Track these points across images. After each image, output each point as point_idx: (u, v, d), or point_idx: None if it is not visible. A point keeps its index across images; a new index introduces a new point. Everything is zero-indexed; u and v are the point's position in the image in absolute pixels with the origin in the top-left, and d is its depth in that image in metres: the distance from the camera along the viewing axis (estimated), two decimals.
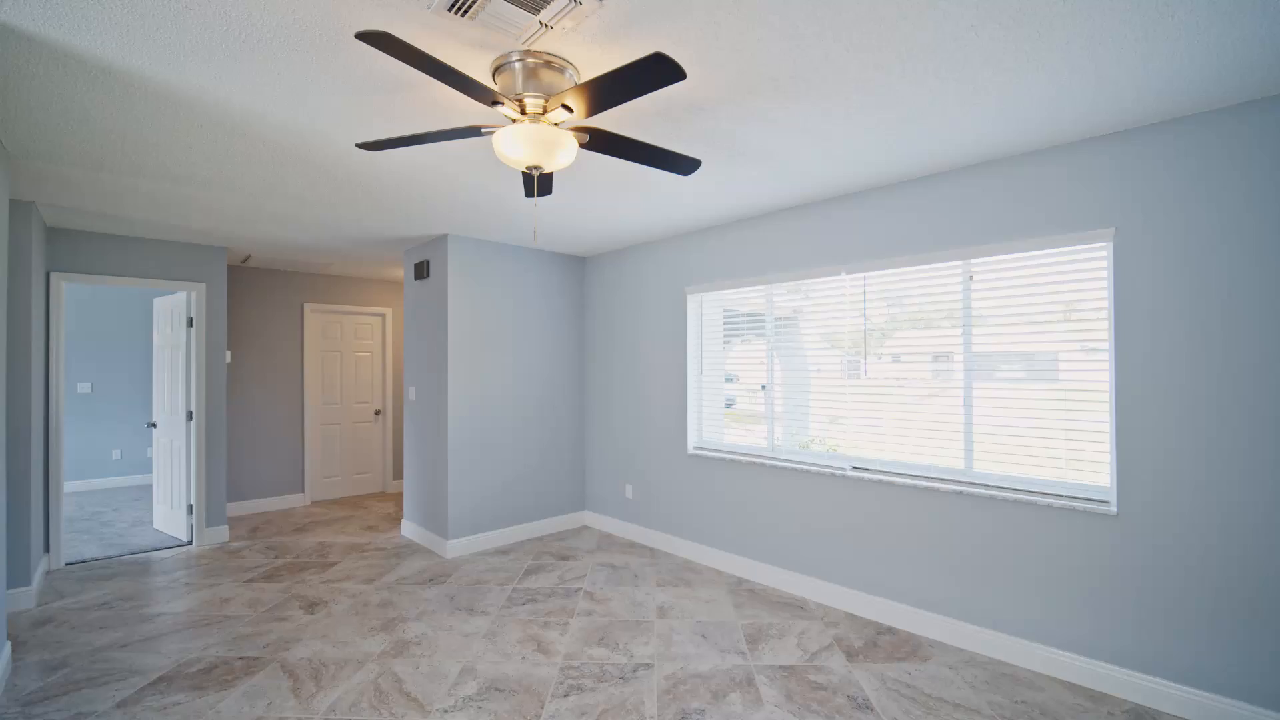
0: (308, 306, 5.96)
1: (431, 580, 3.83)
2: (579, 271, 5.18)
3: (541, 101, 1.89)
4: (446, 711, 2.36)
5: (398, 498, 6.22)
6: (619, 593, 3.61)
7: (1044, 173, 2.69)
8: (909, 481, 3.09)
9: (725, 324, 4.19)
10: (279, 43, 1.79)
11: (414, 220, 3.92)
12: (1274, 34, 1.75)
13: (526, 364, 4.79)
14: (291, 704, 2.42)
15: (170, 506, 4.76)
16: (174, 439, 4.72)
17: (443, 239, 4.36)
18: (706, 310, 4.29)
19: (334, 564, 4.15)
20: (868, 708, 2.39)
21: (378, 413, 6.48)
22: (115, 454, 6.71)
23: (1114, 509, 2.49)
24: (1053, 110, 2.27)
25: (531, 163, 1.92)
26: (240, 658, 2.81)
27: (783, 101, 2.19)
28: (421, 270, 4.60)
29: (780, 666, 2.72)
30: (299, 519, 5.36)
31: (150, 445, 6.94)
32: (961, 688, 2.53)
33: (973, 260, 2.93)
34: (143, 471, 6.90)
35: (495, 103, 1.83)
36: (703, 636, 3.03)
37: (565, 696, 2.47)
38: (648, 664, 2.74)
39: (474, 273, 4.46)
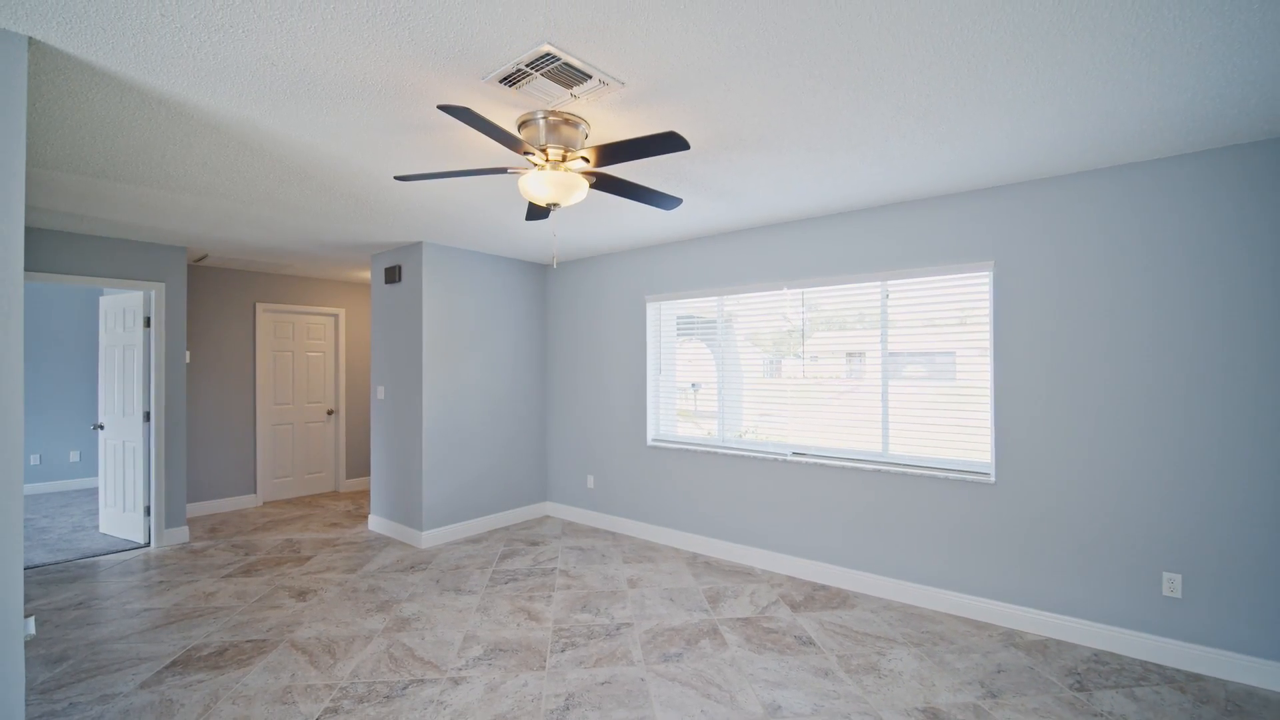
0: (260, 306, 5.92)
1: (412, 567, 4.09)
2: (542, 277, 5.53)
3: (562, 152, 2.29)
4: (462, 669, 2.71)
5: (353, 496, 6.30)
6: (591, 570, 4.03)
7: (943, 214, 3.37)
8: (838, 463, 3.72)
9: (680, 328, 4.71)
10: (338, 91, 2.09)
11: (393, 228, 4.15)
12: (1108, 129, 2.45)
13: (494, 364, 5.09)
14: (314, 674, 2.68)
15: (123, 509, 4.69)
16: (128, 440, 4.65)
17: (417, 246, 4.59)
18: (664, 316, 4.79)
19: (309, 558, 4.30)
20: (811, 643, 2.96)
21: (330, 412, 6.51)
22: (34, 459, 6.33)
23: (993, 479, 3.20)
24: (949, 170, 2.93)
25: (552, 201, 2.32)
26: (247, 641, 3.00)
27: (747, 154, 2.70)
28: (393, 274, 4.80)
29: (738, 619, 3.26)
30: (256, 519, 5.37)
31: (74, 450, 6.59)
32: (881, 625, 3.17)
33: (889, 281, 3.59)
34: (66, 477, 6.53)
35: (526, 152, 2.22)
36: (670, 600, 3.51)
37: (563, 651, 2.88)
38: (628, 623, 3.20)
39: (446, 278, 4.72)
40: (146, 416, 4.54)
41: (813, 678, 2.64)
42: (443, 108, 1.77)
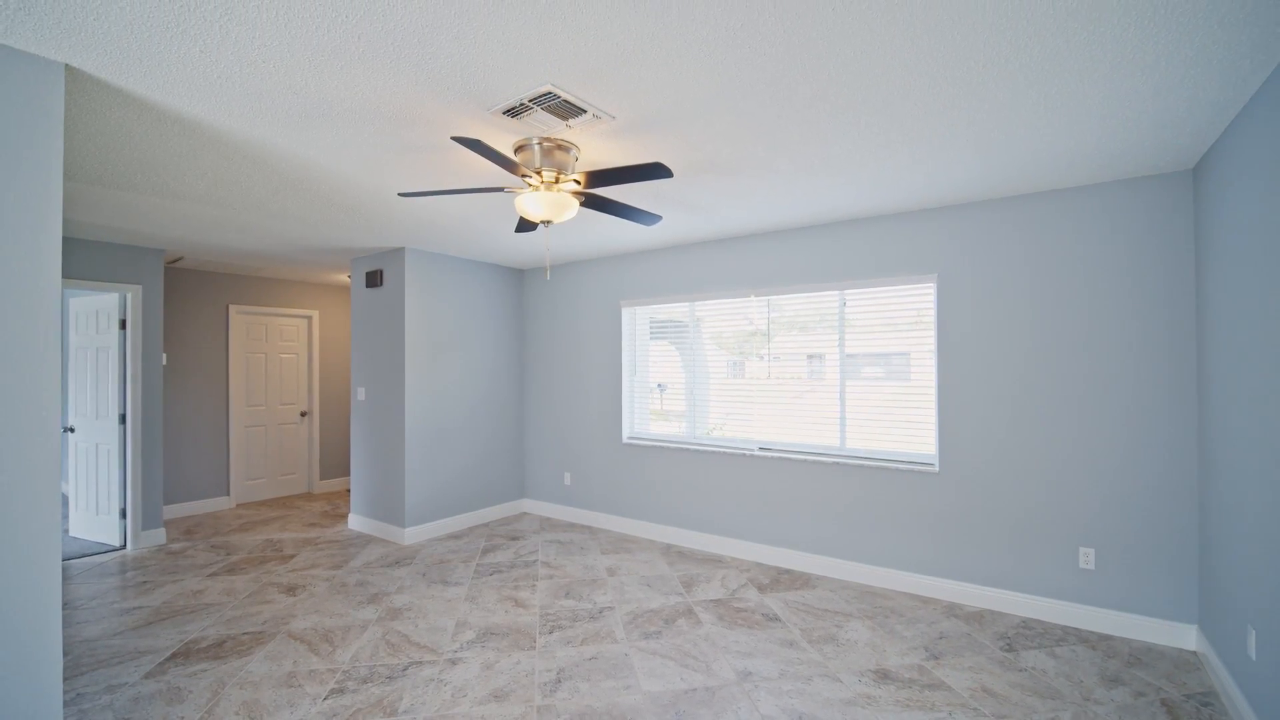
0: (233, 308, 5.92)
1: (397, 563, 4.23)
2: (518, 282, 5.72)
3: (555, 174, 2.52)
4: (457, 651, 2.91)
5: (328, 496, 6.34)
6: (571, 560, 4.26)
7: (893, 230, 3.73)
8: (801, 457, 4.05)
9: (653, 332, 4.97)
10: (352, 116, 2.27)
11: (379, 235, 4.28)
12: (1035, 161, 2.83)
13: (472, 366, 5.25)
14: (315, 660, 2.83)
15: (96, 512, 4.66)
16: (101, 443, 4.63)
17: (399, 251, 4.72)
18: (638, 320, 5.04)
19: (292, 556, 4.38)
20: (777, 619, 3.27)
21: (303, 414, 6.53)
22: None
23: (937, 468, 3.57)
24: (897, 193, 3.27)
25: (545, 218, 2.55)
26: (244, 633, 3.12)
27: (721, 177, 2.98)
28: (374, 279, 4.91)
29: (711, 600, 3.54)
30: (231, 520, 5.38)
31: None
32: (839, 602, 3.50)
33: (846, 290, 3.93)
34: None
35: (523, 174, 2.44)
36: (648, 586, 3.77)
37: (551, 633, 3.11)
38: (610, 607, 3.44)
39: (427, 282, 4.87)
40: (122, 419, 4.54)
41: (779, 648, 2.94)
42: (456, 139, 1.98)
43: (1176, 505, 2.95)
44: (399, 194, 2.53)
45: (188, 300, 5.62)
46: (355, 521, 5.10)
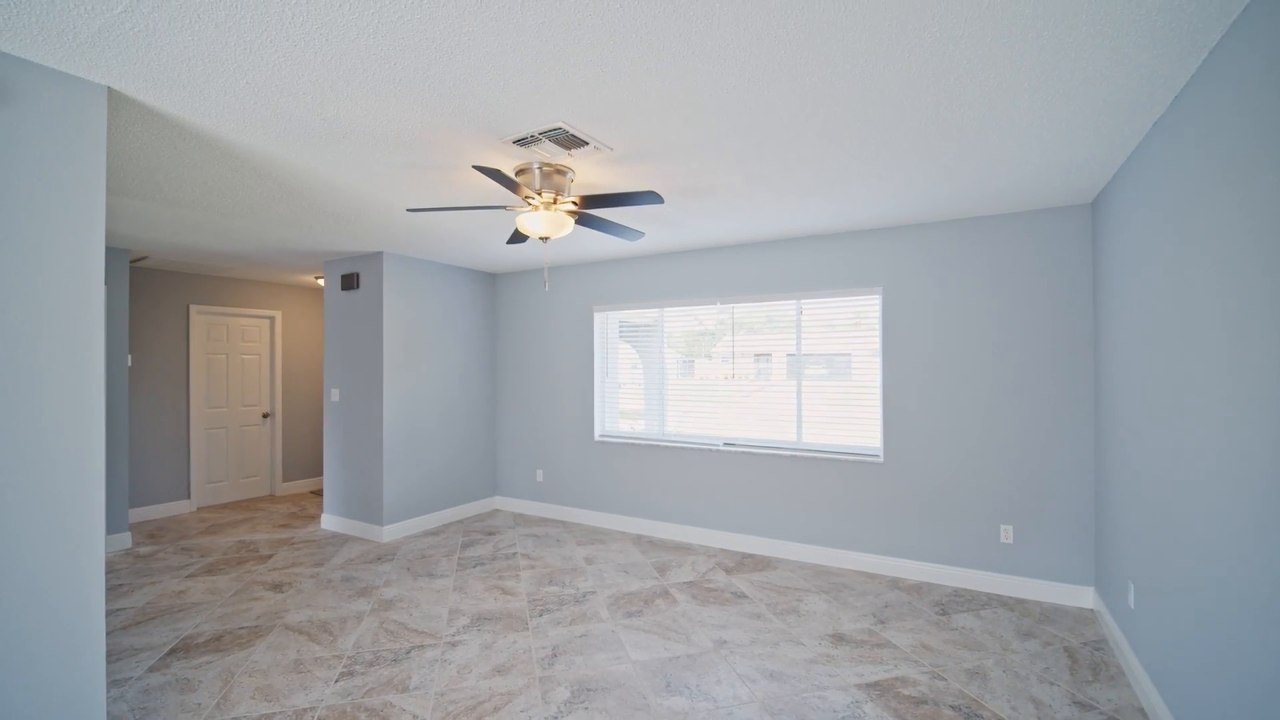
0: (193, 308, 5.82)
1: (379, 559, 4.35)
2: (491, 286, 5.89)
3: (554, 195, 2.78)
4: (455, 635, 3.12)
5: (293, 499, 6.31)
6: (550, 552, 4.50)
7: (845, 247, 4.17)
8: (762, 451, 4.44)
9: (623, 335, 5.27)
10: (373, 140, 2.46)
11: (359, 239, 4.39)
12: (965, 195, 3.29)
13: (447, 367, 5.40)
14: (318, 648, 2.98)
15: None
16: None
17: (377, 255, 4.83)
18: (610, 324, 5.32)
19: (269, 556, 4.43)
20: (744, 596, 3.63)
21: (266, 415, 6.46)
22: None
23: (882, 459, 4.03)
24: (850, 215, 3.70)
25: (544, 234, 2.80)
26: (240, 628, 3.21)
27: (698, 198, 3.31)
28: (350, 282, 4.99)
29: (684, 583, 3.87)
30: (196, 523, 5.32)
31: None
32: (797, 580, 3.90)
33: (802, 300, 4.35)
34: None
35: (525, 196, 2.69)
36: (625, 572, 4.06)
37: (541, 616, 3.35)
38: (592, 591, 3.71)
39: (405, 286, 4.99)
40: None
41: (748, 620, 3.30)
42: (478, 168, 2.22)
43: (1079, 487, 3.49)
44: (407, 209, 2.72)
45: (147, 300, 5.50)
46: (329, 521, 5.15)
